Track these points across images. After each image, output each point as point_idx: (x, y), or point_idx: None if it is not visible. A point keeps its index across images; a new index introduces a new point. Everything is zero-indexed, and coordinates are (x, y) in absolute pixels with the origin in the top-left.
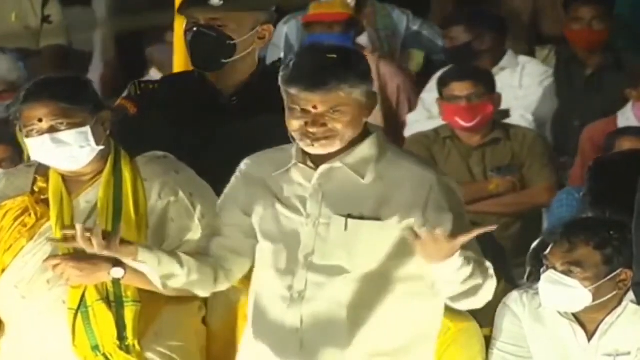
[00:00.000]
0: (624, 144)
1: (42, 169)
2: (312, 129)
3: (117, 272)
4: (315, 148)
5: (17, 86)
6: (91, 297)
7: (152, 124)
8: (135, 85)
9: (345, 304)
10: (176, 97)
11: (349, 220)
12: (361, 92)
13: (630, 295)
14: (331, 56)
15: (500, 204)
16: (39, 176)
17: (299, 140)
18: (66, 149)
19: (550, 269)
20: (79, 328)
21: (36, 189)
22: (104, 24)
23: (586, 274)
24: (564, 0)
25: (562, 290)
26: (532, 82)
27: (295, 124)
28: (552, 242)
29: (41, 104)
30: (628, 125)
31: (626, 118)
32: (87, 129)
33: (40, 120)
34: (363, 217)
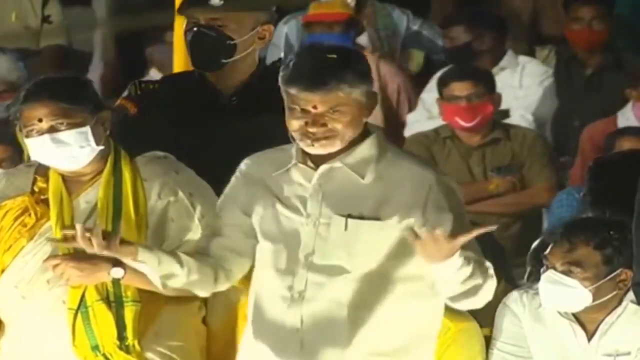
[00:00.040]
0: (624, 144)
1: (42, 169)
2: (312, 129)
3: (117, 272)
4: (315, 148)
5: (17, 86)
6: (91, 297)
7: (152, 124)
8: (135, 85)
9: (346, 303)
10: (176, 97)
11: (349, 220)
12: (361, 92)
13: (630, 295)
14: (331, 56)
15: (500, 204)
16: (38, 176)
17: (299, 140)
18: (66, 149)
19: (550, 269)
20: (78, 328)
21: (36, 189)
22: (104, 24)
23: (586, 274)
24: (564, 0)
25: (562, 290)
26: (532, 82)
27: (295, 124)
28: (552, 242)
29: (41, 104)
30: (628, 125)
31: (626, 118)
32: (87, 129)
33: (40, 120)
34: (363, 217)
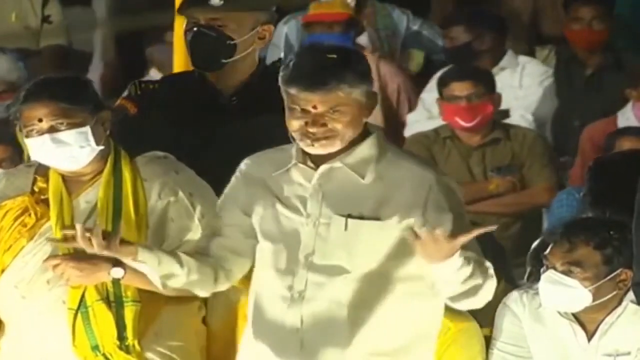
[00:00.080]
0: (624, 144)
1: (41, 169)
2: (312, 128)
3: (117, 272)
4: (315, 148)
5: (17, 86)
6: (91, 297)
7: (152, 124)
8: (135, 85)
9: (346, 303)
10: (176, 97)
11: (349, 220)
12: (361, 92)
13: (630, 295)
14: (331, 56)
15: (500, 204)
16: (38, 176)
17: (299, 140)
18: (66, 149)
19: (550, 269)
20: (78, 328)
21: (36, 189)
22: (104, 23)
23: (586, 274)
24: (564, 0)
25: (562, 290)
26: (532, 82)
27: (295, 124)
28: (552, 242)
29: (41, 104)
30: (628, 125)
31: (626, 118)
32: (87, 129)
33: (40, 120)
34: (363, 217)
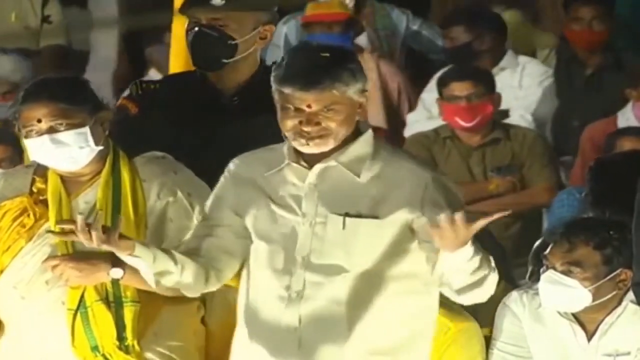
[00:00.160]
0: (625, 144)
1: (40, 169)
2: (307, 127)
3: (116, 272)
4: (309, 147)
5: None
6: (90, 297)
7: (153, 124)
8: (136, 85)
9: (344, 302)
10: (177, 97)
11: (347, 218)
12: (354, 90)
13: (630, 295)
14: (324, 55)
15: (500, 204)
16: (37, 177)
17: (292, 140)
18: (65, 149)
19: (550, 269)
20: (78, 328)
21: (35, 189)
22: (114, 22)
23: (586, 274)
24: (564, 1)
25: (561, 290)
26: (532, 82)
27: (289, 123)
28: (552, 242)
29: (40, 104)
30: (628, 125)
31: (626, 118)
32: (86, 129)
33: (40, 121)
34: (361, 216)
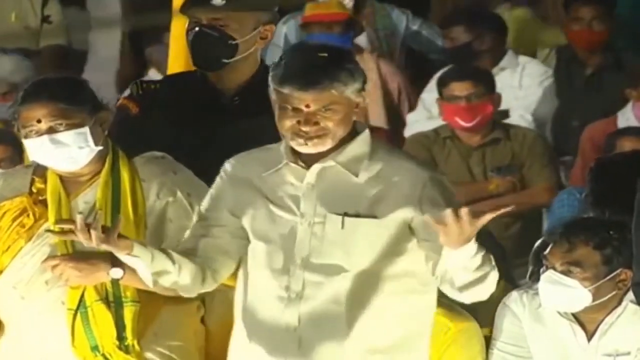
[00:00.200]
0: (625, 145)
1: (39, 169)
2: (305, 127)
3: (116, 272)
4: (308, 147)
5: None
6: (90, 297)
7: (154, 124)
8: (137, 85)
9: (343, 301)
10: (177, 97)
11: (346, 218)
12: (352, 90)
13: (630, 295)
14: (322, 55)
15: (500, 204)
16: (36, 177)
17: (290, 140)
18: (65, 149)
19: (549, 269)
20: (78, 328)
21: (34, 189)
22: (115, 22)
23: (586, 274)
24: (564, 1)
25: (561, 290)
26: (532, 82)
27: (287, 123)
28: (551, 242)
29: (40, 104)
30: (628, 125)
31: (626, 118)
32: (86, 129)
33: (39, 121)
34: (359, 215)
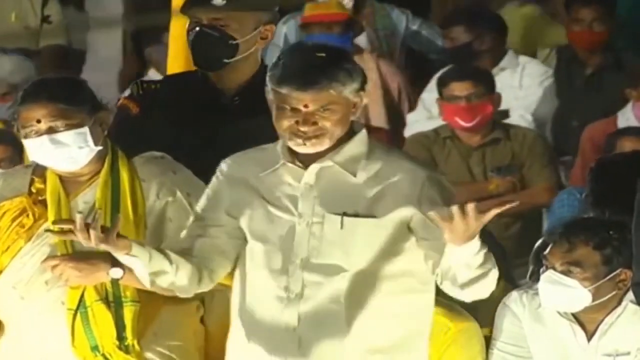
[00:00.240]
0: (625, 145)
1: (39, 169)
2: (304, 127)
3: (115, 272)
4: (306, 147)
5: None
6: (90, 297)
7: (154, 123)
8: (137, 85)
9: (342, 301)
10: (178, 97)
11: (345, 218)
12: (351, 90)
13: (630, 295)
14: (320, 55)
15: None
16: (36, 177)
17: (288, 140)
18: (65, 149)
19: (549, 269)
20: (78, 328)
21: (34, 189)
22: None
23: (585, 274)
24: (565, 1)
25: (561, 290)
26: (532, 82)
27: (285, 124)
28: (551, 242)
29: (39, 105)
30: (628, 125)
31: (626, 118)
32: (86, 129)
33: (39, 121)
34: (358, 215)
